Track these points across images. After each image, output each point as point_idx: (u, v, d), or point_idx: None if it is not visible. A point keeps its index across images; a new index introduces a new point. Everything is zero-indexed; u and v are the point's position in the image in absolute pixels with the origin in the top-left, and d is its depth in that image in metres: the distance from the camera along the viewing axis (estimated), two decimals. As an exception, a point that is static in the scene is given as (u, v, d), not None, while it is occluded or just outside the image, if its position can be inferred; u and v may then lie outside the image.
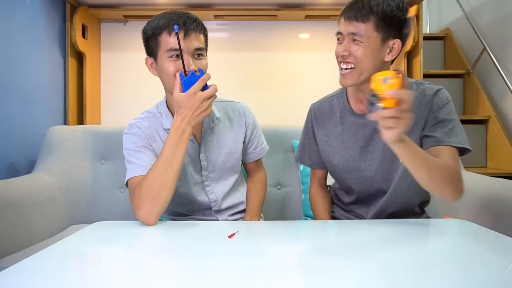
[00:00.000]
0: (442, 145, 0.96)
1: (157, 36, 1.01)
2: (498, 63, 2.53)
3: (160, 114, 1.13)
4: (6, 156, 1.59)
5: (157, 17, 1.04)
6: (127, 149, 1.08)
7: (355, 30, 0.94)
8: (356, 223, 1.04)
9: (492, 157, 2.57)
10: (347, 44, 0.96)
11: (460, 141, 0.96)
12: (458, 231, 0.95)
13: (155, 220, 0.96)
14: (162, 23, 1.00)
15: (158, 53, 1.02)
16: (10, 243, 1.21)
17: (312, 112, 1.19)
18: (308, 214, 1.57)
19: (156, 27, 1.01)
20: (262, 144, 1.27)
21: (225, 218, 1.19)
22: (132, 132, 1.10)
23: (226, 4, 2.12)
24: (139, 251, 0.81)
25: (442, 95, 1.01)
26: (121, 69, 2.27)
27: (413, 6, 2.08)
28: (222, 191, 1.18)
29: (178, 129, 0.95)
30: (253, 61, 2.27)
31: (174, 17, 1.00)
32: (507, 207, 1.17)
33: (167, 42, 0.99)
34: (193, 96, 0.92)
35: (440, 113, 0.99)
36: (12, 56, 1.63)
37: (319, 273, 0.65)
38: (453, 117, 0.99)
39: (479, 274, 0.64)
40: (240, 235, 0.85)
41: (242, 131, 1.19)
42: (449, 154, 0.95)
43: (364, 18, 0.93)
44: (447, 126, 0.98)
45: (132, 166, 1.05)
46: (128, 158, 1.07)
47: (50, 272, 0.65)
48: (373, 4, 0.92)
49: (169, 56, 1.00)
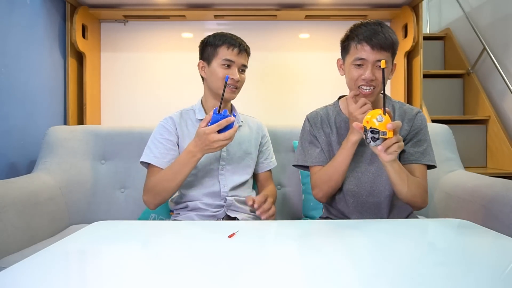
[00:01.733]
0: (416, 163, 1.16)
1: (216, 47, 1.26)
2: (498, 63, 2.53)
3: (193, 111, 1.35)
4: (6, 156, 1.59)
5: (218, 34, 1.29)
6: (153, 136, 1.29)
7: (382, 57, 1.07)
8: (356, 223, 1.04)
9: (492, 157, 2.57)
10: (373, 69, 1.10)
11: (431, 159, 1.17)
12: (458, 231, 0.95)
13: (153, 207, 1.23)
14: (224, 39, 1.26)
15: (213, 60, 1.26)
16: (10, 243, 1.21)
17: (309, 119, 1.29)
18: (308, 214, 1.57)
19: (218, 41, 1.26)
20: (272, 158, 1.45)
21: (231, 201, 1.27)
22: (164, 124, 1.30)
23: (226, 4, 2.12)
24: (139, 251, 0.81)
25: (422, 117, 1.21)
26: (121, 69, 2.27)
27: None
28: (233, 183, 1.30)
29: (189, 152, 1.14)
30: (253, 61, 2.25)
31: (233, 37, 1.28)
32: (507, 207, 1.17)
33: (224, 53, 1.25)
34: (207, 135, 1.07)
35: (419, 134, 1.18)
36: (12, 56, 1.63)
37: (319, 273, 0.66)
38: (427, 138, 1.19)
39: (479, 274, 0.65)
40: (240, 235, 0.85)
41: (259, 138, 1.41)
42: (421, 171, 1.16)
43: (389, 48, 1.09)
44: (422, 146, 1.17)
45: (149, 152, 1.26)
46: (150, 143, 1.28)
47: (50, 272, 0.65)
48: (391, 37, 1.09)
49: (222, 64, 1.25)
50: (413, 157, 1.16)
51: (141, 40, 2.28)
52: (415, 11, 2.08)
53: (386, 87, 2.44)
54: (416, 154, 1.16)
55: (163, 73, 2.28)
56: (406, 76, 2.16)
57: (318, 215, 1.47)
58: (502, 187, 1.25)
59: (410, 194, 1.10)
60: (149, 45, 2.27)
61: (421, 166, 1.16)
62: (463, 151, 2.03)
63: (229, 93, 1.25)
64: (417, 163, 1.16)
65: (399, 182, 1.07)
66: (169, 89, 2.27)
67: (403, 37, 2.16)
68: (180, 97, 2.24)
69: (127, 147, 1.63)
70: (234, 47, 1.25)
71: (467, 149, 2.48)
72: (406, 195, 1.10)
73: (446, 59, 3.13)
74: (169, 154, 1.25)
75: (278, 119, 2.24)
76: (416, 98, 2.13)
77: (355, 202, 1.20)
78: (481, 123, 2.63)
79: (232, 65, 1.25)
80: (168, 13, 2.16)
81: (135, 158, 1.25)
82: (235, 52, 1.25)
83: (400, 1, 2.11)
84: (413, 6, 2.10)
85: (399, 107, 1.22)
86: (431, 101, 2.69)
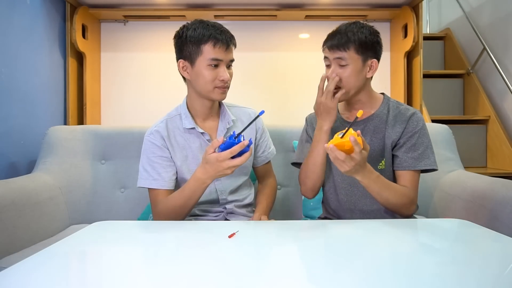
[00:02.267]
0: (408, 170, 1.13)
1: (199, 44, 1.09)
2: (498, 63, 2.53)
3: (179, 116, 1.22)
4: (6, 156, 1.59)
5: (197, 26, 1.11)
6: (145, 155, 1.18)
7: (337, 56, 1.11)
8: (356, 223, 1.04)
9: (492, 157, 2.57)
10: (335, 68, 1.13)
11: (429, 163, 1.13)
12: (458, 231, 0.95)
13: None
14: (208, 34, 1.09)
15: (197, 59, 1.11)
16: (10, 243, 1.21)
17: (307, 119, 1.33)
18: (308, 214, 1.58)
19: (200, 36, 1.09)
20: (269, 149, 1.34)
21: (231, 208, 1.23)
22: (153, 140, 1.18)
23: (226, 4, 2.12)
24: (139, 251, 0.81)
25: (418, 119, 1.16)
26: (121, 69, 2.27)
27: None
28: (230, 186, 1.24)
29: (198, 180, 1.05)
30: (253, 61, 2.27)
31: (217, 31, 1.10)
32: (507, 207, 1.17)
33: (210, 52, 1.09)
34: (220, 163, 0.97)
35: (413, 137, 1.14)
36: (12, 56, 1.63)
37: (319, 273, 0.66)
38: (425, 140, 1.15)
39: (479, 274, 0.65)
40: (240, 235, 0.85)
41: (253, 134, 1.29)
42: (410, 179, 1.13)
43: (346, 47, 1.10)
44: (417, 151, 1.13)
45: (147, 175, 1.16)
46: (145, 164, 1.17)
47: (50, 272, 0.65)
48: (349, 35, 1.10)
49: (209, 64, 1.10)
50: (406, 163, 1.13)
51: (141, 40, 2.28)
52: (415, 11, 2.08)
53: (385, 87, 2.43)
54: (409, 160, 1.13)
55: (163, 73, 2.27)
56: (406, 76, 2.16)
57: (318, 215, 1.47)
58: (502, 187, 1.25)
59: (389, 204, 1.10)
60: (149, 45, 2.27)
61: (412, 172, 1.13)
62: (463, 151, 2.03)
63: (219, 94, 1.14)
64: (409, 169, 1.13)
65: (374, 194, 1.08)
66: (169, 89, 2.26)
67: (403, 37, 2.16)
68: (180, 97, 2.21)
69: (127, 147, 1.63)
70: (221, 43, 1.09)
71: (467, 149, 2.48)
72: (385, 205, 1.11)
73: (446, 59, 3.13)
74: (168, 172, 1.16)
75: (278, 119, 2.24)
76: (416, 98, 2.13)
77: (348, 202, 1.21)
78: (481, 123, 2.63)
79: (220, 63, 1.11)
80: (168, 13, 2.16)
81: (135, 158, 1.24)
82: (223, 49, 1.10)
83: (400, 1, 2.11)
84: (413, 6, 2.10)
85: (395, 108, 1.19)
86: (431, 101, 2.69)
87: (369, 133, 1.18)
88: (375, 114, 1.19)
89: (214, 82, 1.12)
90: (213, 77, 1.11)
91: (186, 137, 1.20)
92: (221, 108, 1.26)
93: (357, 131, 0.94)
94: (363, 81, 1.14)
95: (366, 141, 1.14)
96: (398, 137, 1.15)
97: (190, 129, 1.19)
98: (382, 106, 1.19)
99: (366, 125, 1.19)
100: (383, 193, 1.07)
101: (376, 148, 1.17)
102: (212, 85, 1.12)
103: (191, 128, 1.18)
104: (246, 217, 1.27)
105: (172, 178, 1.17)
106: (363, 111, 1.12)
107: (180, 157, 1.19)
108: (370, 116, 1.19)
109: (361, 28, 1.12)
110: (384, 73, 2.32)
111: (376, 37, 1.14)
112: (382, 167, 1.17)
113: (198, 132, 1.19)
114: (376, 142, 1.17)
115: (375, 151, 1.17)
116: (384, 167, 1.17)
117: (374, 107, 1.20)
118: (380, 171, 1.12)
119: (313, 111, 1.31)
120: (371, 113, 1.19)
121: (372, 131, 1.18)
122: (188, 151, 1.19)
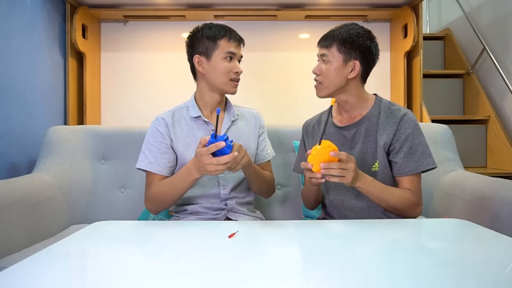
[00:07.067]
0: (407, 175, 1.13)
1: (216, 39, 1.21)
2: (498, 63, 2.53)
3: (186, 108, 1.30)
4: (6, 156, 1.59)
5: (212, 25, 1.24)
6: (147, 139, 1.26)
7: (322, 52, 1.17)
8: (356, 223, 1.04)
9: (492, 157, 2.57)
10: (319, 64, 1.19)
11: (428, 163, 1.12)
12: (458, 231, 0.95)
13: (156, 214, 1.26)
14: (223, 31, 1.22)
15: (214, 53, 1.22)
16: (10, 243, 1.21)
17: (304, 127, 1.36)
18: (308, 214, 1.58)
19: (217, 33, 1.22)
20: (268, 150, 1.39)
21: (232, 204, 1.26)
22: (157, 126, 1.25)
23: (226, 4, 2.12)
24: (139, 251, 0.81)
25: (410, 120, 1.14)
26: (121, 69, 2.27)
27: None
28: (233, 182, 1.28)
29: (187, 170, 1.10)
30: (253, 61, 2.27)
31: (229, 29, 1.24)
32: (507, 207, 1.17)
33: (226, 45, 1.21)
34: (201, 157, 1.02)
35: (408, 140, 1.13)
36: (12, 56, 1.63)
37: (319, 273, 0.66)
38: (421, 140, 1.14)
39: (479, 274, 0.65)
40: (240, 235, 0.85)
41: (256, 131, 1.36)
42: (413, 182, 1.13)
43: (329, 44, 1.15)
44: (415, 153, 1.12)
45: (143, 157, 1.23)
46: (144, 148, 1.25)
47: (50, 272, 0.65)
48: (335, 34, 1.15)
49: (225, 57, 1.21)
50: (407, 168, 1.12)
51: (141, 40, 2.28)
52: (415, 11, 2.08)
53: (385, 87, 2.43)
54: (410, 165, 1.12)
55: (163, 73, 2.28)
56: (406, 76, 2.16)
57: (317, 215, 1.47)
58: (502, 187, 1.25)
59: (392, 208, 1.11)
60: (149, 45, 2.27)
61: (413, 175, 1.13)
62: (463, 151, 2.03)
63: (232, 87, 1.24)
64: (412, 174, 1.12)
65: (374, 199, 1.10)
66: (169, 89, 2.27)
67: (403, 37, 2.16)
68: (180, 97, 2.20)
69: (127, 147, 1.63)
70: (234, 39, 1.23)
71: (467, 149, 2.48)
72: (389, 210, 1.12)
73: (446, 59, 3.13)
74: (164, 158, 1.22)
75: (278, 119, 2.24)
76: (416, 98, 2.13)
77: (337, 200, 1.24)
78: (481, 123, 2.63)
79: (234, 57, 1.24)
80: (168, 13, 2.16)
81: (135, 158, 1.25)
82: (235, 44, 1.23)
83: (400, 1, 2.11)
84: (413, 6, 2.10)
85: (387, 109, 1.18)
86: (431, 101, 2.68)
87: (361, 136, 1.17)
88: (366, 116, 1.18)
89: (229, 74, 1.22)
90: (229, 69, 1.21)
91: (191, 125, 1.26)
92: (227, 103, 1.35)
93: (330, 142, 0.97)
94: (343, 80, 1.15)
95: (359, 144, 1.18)
96: (390, 139, 1.14)
97: (196, 118, 1.26)
98: (374, 108, 1.19)
99: (358, 129, 1.18)
100: (383, 196, 1.08)
101: (369, 151, 1.16)
102: (227, 77, 1.22)
103: (197, 117, 1.26)
104: (247, 216, 1.28)
105: (168, 165, 1.22)
106: (358, 112, 1.17)
107: (183, 144, 1.24)
108: (362, 119, 1.18)
109: (351, 29, 1.14)
110: (384, 73, 2.32)
111: (366, 41, 1.13)
112: (375, 169, 1.16)
113: (203, 121, 1.26)
114: (369, 144, 1.16)
115: (368, 154, 1.16)
116: (377, 169, 1.16)
117: (366, 108, 1.19)
118: (374, 174, 1.13)
119: (313, 109, 1.32)
120: (362, 115, 1.19)
121: (364, 134, 1.17)
122: (192, 139, 1.24)
